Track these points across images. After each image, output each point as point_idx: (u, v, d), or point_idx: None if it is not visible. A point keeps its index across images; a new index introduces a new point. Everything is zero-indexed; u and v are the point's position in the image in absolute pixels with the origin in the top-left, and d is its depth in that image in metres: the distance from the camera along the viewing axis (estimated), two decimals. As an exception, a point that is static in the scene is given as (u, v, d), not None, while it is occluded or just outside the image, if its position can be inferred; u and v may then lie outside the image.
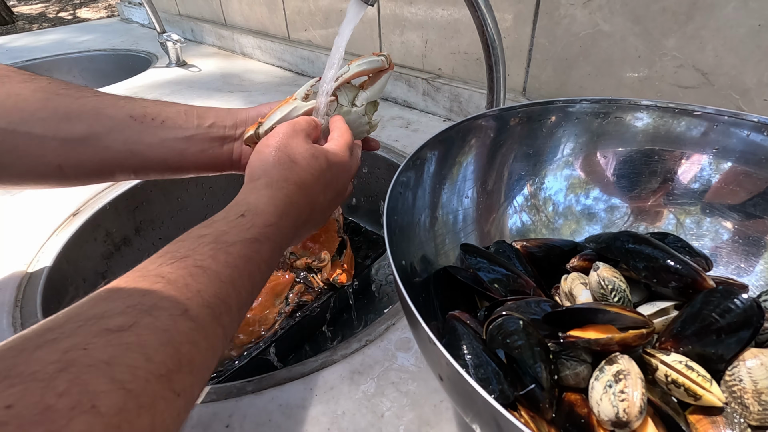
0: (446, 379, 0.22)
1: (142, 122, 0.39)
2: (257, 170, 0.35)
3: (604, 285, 0.31)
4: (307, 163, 0.35)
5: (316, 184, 0.36)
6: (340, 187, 0.39)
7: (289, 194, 0.33)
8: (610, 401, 0.24)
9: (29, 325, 0.43)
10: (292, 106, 0.41)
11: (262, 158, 0.35)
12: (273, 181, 0.33)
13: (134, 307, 0.20)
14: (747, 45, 0.47)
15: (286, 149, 0.36)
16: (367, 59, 0.42)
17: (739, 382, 0.25)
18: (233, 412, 0.34)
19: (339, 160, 0.38)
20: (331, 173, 0.37)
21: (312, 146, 0.37)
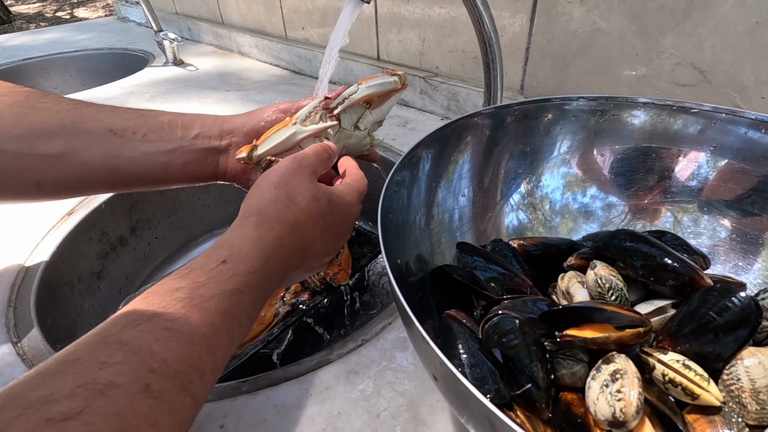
0: (441, 379, 0.21)
1: (123, 136, 0.38)
2: (251, 207, 0.32)
3: (601, 283, 0.31)
4: (306, 204, 0.33)
5: (314, 228, 0.33)
6: (340, 232, 0.36)
7: (280, 236, 0.31)
8: (607, 401, 0.23)
9: (23, 326, 0.43)
10: (291, 131, 0.38)
11: (260, 194, 0.33)
12: (265, 220, 0.31)
13: (86, 386, 0.18)
14: (744, 42, 0.46)
15: (287, 187, 0.33)
16: (379, 80, 0.39)
17: (736, 381, 0.25)
18: (228, 413, 0.34)
19: (343, 203, 0.36)
20: (332, 217, 0.35)
21: (315, 186, 0.34)
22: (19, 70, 1.34)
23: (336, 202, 0.35)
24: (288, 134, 0.38)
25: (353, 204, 0.37)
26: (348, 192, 0.36)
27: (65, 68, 1.40)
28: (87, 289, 0.58)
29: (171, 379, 0.21)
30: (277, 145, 0.38)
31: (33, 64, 1.36)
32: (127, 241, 0.66)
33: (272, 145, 0.38)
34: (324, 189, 0.35)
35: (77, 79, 1.42)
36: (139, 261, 0.68)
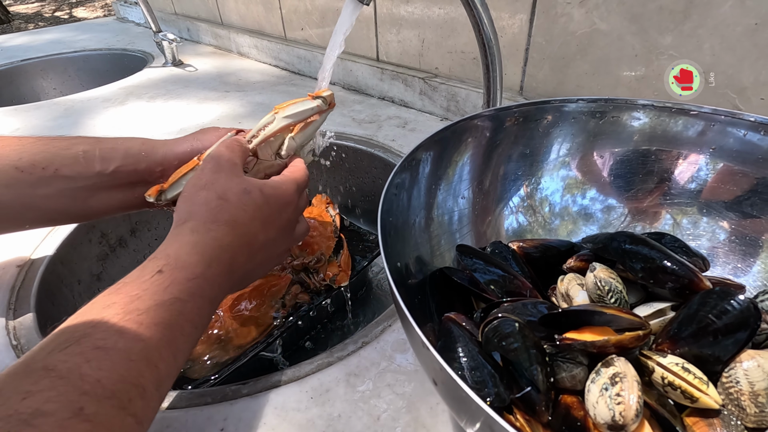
0: (440, 384, 0.21)
1: (31, 173, 0.35)
2: (184, 213, 0.31)
3: (600, 286, 0.31)
4: (238, 199, 0.32)
5: (252, 222, 0.32)
6: (283, 223, 0.35)
7: (219, 237, 0.30)
8: (607, 404, 0.23)
9: (23, 329, 0.43)
10: None
11: (190, 200, 0.32)
12: (200, 224, 0.30)
13: (8, 418, 0.17)
14: (744, 43, 0.46)
15: (215, 186, 0.32)
16: (298, 107, 0.36)
17: (735, 383, 0.25)
18: (228, 416, 0.34)
19: (279, 193, 0.34)
20: (270, 208, 0.34)
21: (243, 179, 0.33)
22: (18, 70, 1.34)
23: (269, 192, 0.34)
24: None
25: (290, 193, 0.35)
26: (282, 182, 0.35)
27: (64, 69, 1.40)
28: (87, 290, 0.58)
29: (107, 400, 0.20)
30: (183, 184, 0.36)
31: (32, 65, 1.36)
32: (126, 243, 0.66)
33: (180, 190, 0.36)
34: (253, 181, 0.34)
35: (76, 80, 1.42)
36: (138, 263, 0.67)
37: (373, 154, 0.69)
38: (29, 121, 0.88)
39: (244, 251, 0.32)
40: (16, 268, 0.50)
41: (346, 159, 0.74)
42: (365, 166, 0.72)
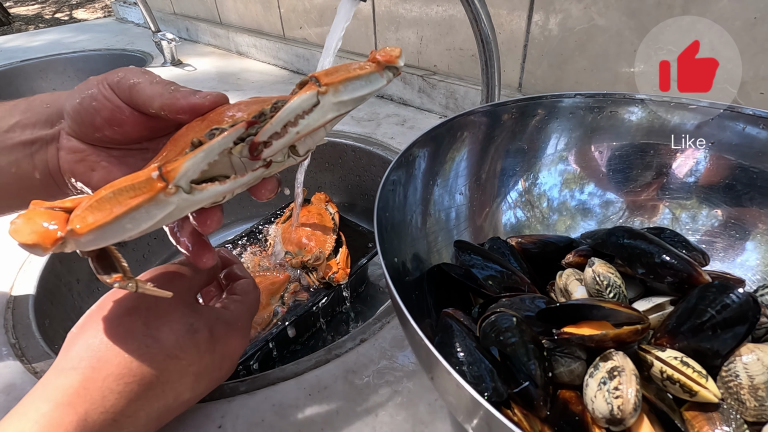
0: (437, 379, 0.21)
1: None
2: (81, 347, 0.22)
3: (599, 281, 0.31)
4: (176, 340, 0.24)
5: (183, 377, 0.24)
6: (222, 374, 0.29)
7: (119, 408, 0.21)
8: (605, 398, 0.23)
9: (22, 328, 0.43)
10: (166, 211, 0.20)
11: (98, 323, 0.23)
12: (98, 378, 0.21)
13: None
14: (742, 38, 0.46)
15: (148, 313, 0.24)
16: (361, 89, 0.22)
17: (735, 377, 0.25)
18: (226, 413, 0.34)
19: (232, 334, 0.28)
20: (212, 357, 0.26)
21: (192, 311, 0.26)
22: (17, 71, 1.34)
23: (220, 334, 0.27)
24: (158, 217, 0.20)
25: (243, 333, 0.28)
26: (238, 314, 0.28)
27: (63, 69, 1.40)
28: (86, 289, 0.58)
29: None
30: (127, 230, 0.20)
31: (32, 65, 1.36)
32: (125, 242, 0.66)
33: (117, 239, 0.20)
34: (206, 315, 0.26)
35: (76, 80, 1.42)
36: (137, 261, 0.68)
37: (372, 152, 0.69)
38: None
39: (151, 420, 0.24)
40: (15, 267, 0.50)
41: (344, 157, 0.73)
42: (364, 164, 0.72)
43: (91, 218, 0.19)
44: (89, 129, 0.29)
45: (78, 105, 0.28)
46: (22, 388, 0.37)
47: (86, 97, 0.28)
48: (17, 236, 0.20)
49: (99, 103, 0.28)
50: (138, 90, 0.27)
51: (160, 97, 0.27)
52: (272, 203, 0.78)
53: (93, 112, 0.28)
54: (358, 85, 0.23)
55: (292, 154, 0.25)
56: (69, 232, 0.19)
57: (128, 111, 0.28)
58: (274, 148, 0.22)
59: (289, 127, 0.22)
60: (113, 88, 0.28)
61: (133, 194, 0.19)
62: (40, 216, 0.20)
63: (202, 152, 0.20)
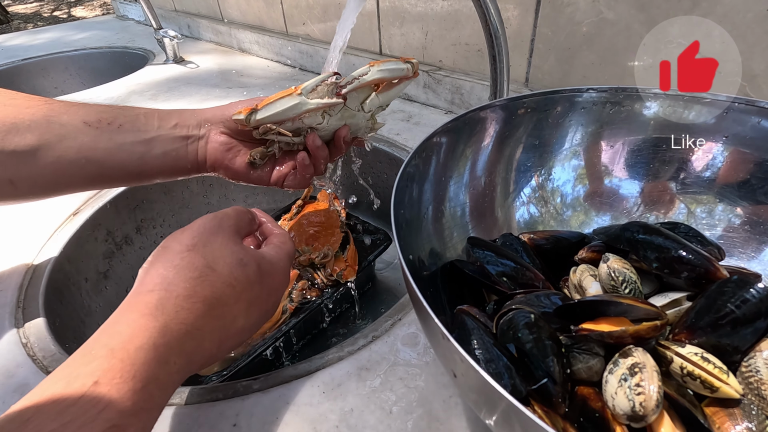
0: (460, 376, 0.21)
1: (98, 127, 0.37)
2: (154, 276, 0.26)
3: (614, 276, 0.30)
4: (230, 272, 0.27)
5: (237, 303, 0.27)
6: (269, 306, 0.31)
7: (190, 320, 0.25)
8: (626, 395, 0.23)
9: (32, 327, 0.43)
10: (296, 101, 0.37)
11: (167, 258, 0.27)
12: (171, 298, 0.25)
13: None
14: (754, 30, 0.46)
15: (204, 249, 0.27)
16: (391, 65, 0.38)
17: (755, 373, 0.24)
18: (240, 411, 0.34)
19: (275, 270, 0.30)
20: (261, 288, 0.29)
21: (241, 248, 0.29)
22: (18, 70, 1.34)
23: (267, 269, 0.30)
24: (292, 103, 0.37)
25: (285, 271, 0.31)
26: (279, 256, 0.31)
27: (65, 67, 1.40)
28: (94, 288, 0.58)
29: None
30: (279, 113, 0.37)
31: (33, 64, 1.35)
32: (132, 241, 0.66)
33: (274, 112, 0.37)
34: (252, 252, 0.30)
35: (77, 78, 1.42)
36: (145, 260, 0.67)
37: (378, 148, 0.69)
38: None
39: (215, 338, 0.27)
40: (24, 267, 0.50)
41: (350, 154, 0.73)
42: (370, 161, 0.72)
43: (264, 102, 0.38)
44: (237, 132, 0.41)
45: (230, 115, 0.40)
46: (35, 387, 0.37)
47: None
48: (234, 115, 0.39)
49: None
50: None
51: None
52: (279, 199, 0.78)
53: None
54: (389, 64, 0.38)
55: (361, 109, 0.40)
56: (256, 107, 0.38)
57: None
58: (348, 89, 0.38)
59: (354, 80, 0.38)
60: None
61: (282, 93, 0.38)
62: (244, 105, 0.39)
63: (312, 81, 0.38)
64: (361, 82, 0.38)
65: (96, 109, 0.38)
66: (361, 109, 0.40)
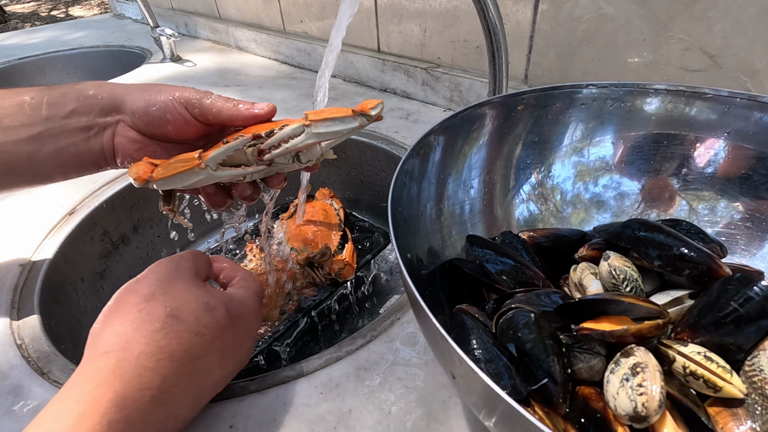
0: (459, 378, 0.21)
1: None
2: (109, 335, 0.23)
3: (615, 274, 0.30)
4: (196, 318, 0.25)
5: (211, 352, 0.25)
6: (243, 353, 0.29)
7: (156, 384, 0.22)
8: (628, 395, 0.23)
9: (27, 328, 0.43)
10: (199, 177, 0.32)
11: (121, 312, 0.24)
12: (131, 358, 0.22)
13: None
14: (756, 25, 0.45)
15: (165, 297, 0.25)
16: (335, 126, 0.31)
17: (759, 372, 0.24)
18: (237, 412, 0.33)
19: (246, 311, 0.29)
20: (234, 333, 0.27)
21: (206, 291, 0.27)
22: (16, 69, 1.33)
23: (237, 311, 0.28)
24: (194, 179, 0.32)
25: (255, 311, 0.30)
26: (248, 295, 0.30)
27: (62, 66, 1.39)
28: (90, 288, 0.58)
29: None
30: (177, 183, 0.32)
31: (30, 63, 1.34)
32: (129, 240, 0.65)
33: (172, 186, 0.32)
34: (218, 294, 0.27)
35: (74, 77, 1.41)
36: (141, 260, 0.67)
37: (376, 146, 0.69)
38: None
39: (189, 399, 0.24)
40: (19, 267, 0.50)
41: (348, 152, 0.73)
42: (368, 159, 0.71)
43: (162, 172, 0.32)
44: (155, 129, 0.35)
45: (147, 110, 0.34)
46: (30, 389, 0.36)
47: (158, 107, 0.34)
48: (129, 173, 0.32)
49: (172, 116, 0.34)
50: (207, 105, 0.34)
51: (228, 111, 0.34)
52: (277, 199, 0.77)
53: (165, 121, 0.34)
54: (333, 123, 0.32)
55: (296, 161, 0.35)
56: (150, 177, 0.32)
57: (195, 123, 0.35)
58: (273, 155, 0.33)
59: (283, 143, 0.32)
60: (186, 105, 0.34)
61: (183, 165, 0.31)
62: (141, 166, 0.32)
63: (224, 147, 0.32)
64: (290, 147, 0.32)
65: None
66: (296, 160, 0.34)
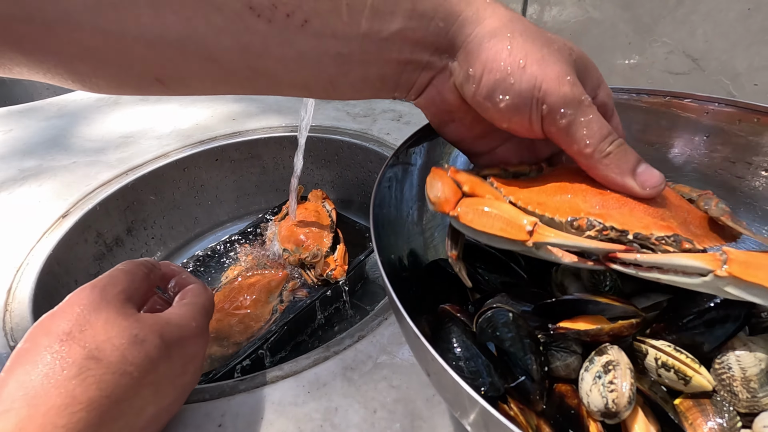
0: (433, 375, 0.21)
1: (270, 21, 0.22)
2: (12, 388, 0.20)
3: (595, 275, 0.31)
4: (121, 356, 0.22)
5: (141, 390, 0.23)
6: (187, 379, 0.27)
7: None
8: (600, 392, 0.24)
9: (20, 330, 0.43)
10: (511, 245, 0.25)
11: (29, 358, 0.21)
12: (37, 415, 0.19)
13: None
14: (737, 29, 0.46)
15: (83, 335, 0.22)
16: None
17: (728, 370, 0.25)
18: (226, 411, 0.34)
19: (186, 335, 0.26)
20: (170, 363, 0.25)
21: (134, 321, 0.24)
22: (10, 71, 1.33)
23: (173, 337, 0.25)
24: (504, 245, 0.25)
25: (199, 332, 0.27)
26: (191, 315, 0.27)
27: (57, 68, 1.39)
28: (84, 290, 0.58)
29: None
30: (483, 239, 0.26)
31: (24, 65, 1.34)
32: (123, 242, 0.66)
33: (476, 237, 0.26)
34: (149, 323, 0.24)
35: (69, 80, 1.41)
36: (136, 261, 0.68)
37: (368, 148, 0.69)
38: (22, 121, 0.88)
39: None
40: (12, 269, 0.50)
41: (341, 153, 0.73)
42: (360, 161, 0.72)
43: (470, 217, 0.25)
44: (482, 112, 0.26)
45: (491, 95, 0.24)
46: (22, 390, 0.37)
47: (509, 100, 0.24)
48: (429, 190, 0.27)
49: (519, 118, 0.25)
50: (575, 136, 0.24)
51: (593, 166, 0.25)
52: (269, 201, 0.78)
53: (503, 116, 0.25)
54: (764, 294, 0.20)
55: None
56: (456, 215, 0.25)
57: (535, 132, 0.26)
58: (627, 272, 0.23)
59: (657, 271, 0.22)
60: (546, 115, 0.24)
61: (504, 226, 0.24)
62: (445, 186, 0.26)
63: (569, 241, 0.23)
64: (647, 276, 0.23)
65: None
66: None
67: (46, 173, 0.67)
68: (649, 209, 0.26)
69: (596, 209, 0.25)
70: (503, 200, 0.27)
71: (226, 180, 0.76)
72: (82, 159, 0.71)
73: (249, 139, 0.74)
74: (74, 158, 0.71)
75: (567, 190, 0.27)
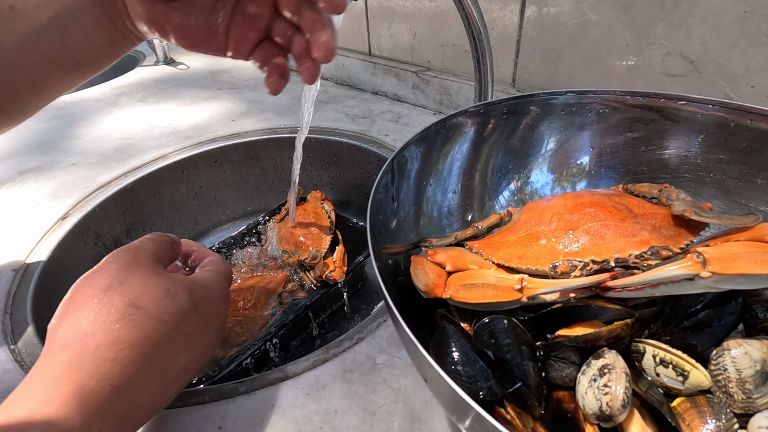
0: (430, 381, 0.22)
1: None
2: (65, 330, 0.22)
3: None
4: (157, 306, 0.24)
5: (175, 338, 0.24)
6: (211, 336, 0.28)
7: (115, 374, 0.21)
8: (594, 395, 0.24)
9: (20, 332, 0.43)
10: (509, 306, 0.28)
11: (77, 306, 0.23)
12: (88, 350, 0.21)
13: None
14: (733, 31, 0.46)
15: (122, 288, 0.24)
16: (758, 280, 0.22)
17: (723, 371, 0.25)
18: (225, 414, 0.34)
19: (211, 294, 0.28)
20: (199, 317, 0.26)
21: (166, 277, 0.25)
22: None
23: (200, 294, 0.27)
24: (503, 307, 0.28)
25: (221, 293, 0.29)
26: (214, 278, 0.29)
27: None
28: (84, 292, 0.58)
29: None
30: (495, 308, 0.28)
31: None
32: (122, 244, 0.66)
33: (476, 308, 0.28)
34: (180, 279, 0.26)
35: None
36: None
37: (367, 149, 0.69)
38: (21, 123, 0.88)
39: (154, 386, 0.24)
40: (12, 272, 0.50)
41: (340, 155, 0.74)
42: (359, 162, 0.72)
43: (462, 294, 0.27)
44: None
45: None
46: (23, 393, 0.37)
47: None
48: (416, 281, 0.28)
49: None
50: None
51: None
52: (268, 202, 0.78)
53: None
54: (751, 281, 0.22)
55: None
56: (446, 296, 0.28)
57: None
58: (623, 296, 0.25)
59: (648, 287, 0.24)
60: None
61: (496, 292, 0.26)
62: (431, 271, 0.28)
63: (557, 288, 0.25)
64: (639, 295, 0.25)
65: None
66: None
67: (46, 175, 0.67)
68: (618, 229, 0.27)
69: (572, 248, 0.27)
70: (486, 264, 0.30)
71: (225, 181, 0.76)
72: (81, 160, 0.71)
73: (248, 141, 0.74)
74: (73, 160, 0.71)
75: (539, 235, 0.29)
